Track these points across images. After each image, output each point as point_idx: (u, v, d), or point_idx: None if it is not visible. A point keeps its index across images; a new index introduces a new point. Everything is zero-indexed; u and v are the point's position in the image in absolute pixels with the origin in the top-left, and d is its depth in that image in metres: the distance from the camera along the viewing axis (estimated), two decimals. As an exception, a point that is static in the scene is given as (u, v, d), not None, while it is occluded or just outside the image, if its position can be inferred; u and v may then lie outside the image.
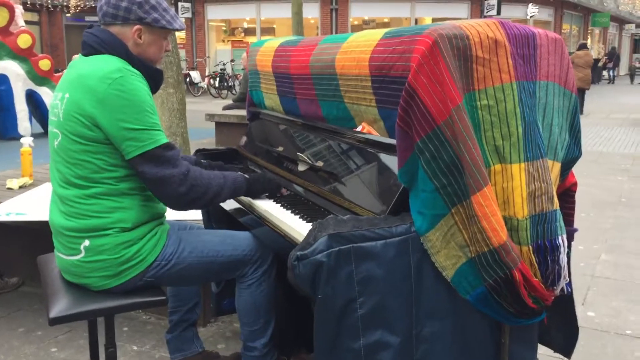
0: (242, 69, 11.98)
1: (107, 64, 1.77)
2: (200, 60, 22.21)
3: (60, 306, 1.78)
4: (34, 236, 2.94)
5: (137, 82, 1.77)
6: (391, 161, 1.74)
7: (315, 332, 1.53)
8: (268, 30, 22.91)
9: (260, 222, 2.02)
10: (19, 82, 9.07)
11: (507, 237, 1.54)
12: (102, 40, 1.83)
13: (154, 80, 1.93)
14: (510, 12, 21.78)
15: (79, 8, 23.67)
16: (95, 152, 1.77)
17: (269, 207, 2.02)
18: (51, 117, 1.87)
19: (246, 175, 2.06)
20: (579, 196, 1.96)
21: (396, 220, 1.59)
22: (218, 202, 1.96)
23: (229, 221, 2.55)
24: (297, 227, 1.80)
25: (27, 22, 23.62)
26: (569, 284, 1.77)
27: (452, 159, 1.51)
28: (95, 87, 1.73)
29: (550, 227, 1.63)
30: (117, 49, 1.83)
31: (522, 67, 1.62)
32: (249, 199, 2.11)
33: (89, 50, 1.85)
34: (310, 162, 2.10)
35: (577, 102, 1.80)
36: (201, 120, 8.82)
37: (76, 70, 1.82)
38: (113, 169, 1.79)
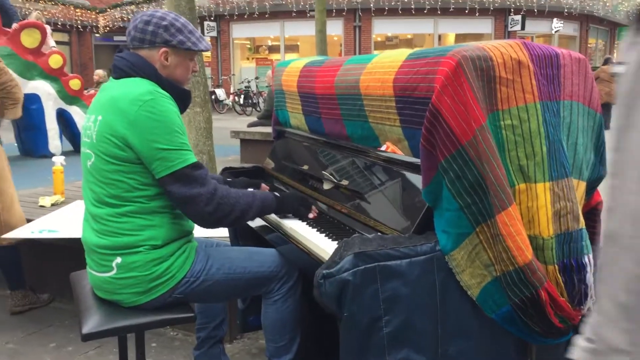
0: (267, 86, 12.11)
1: (138, 87, 1.83)
2: (225, 78, 22.50)
3: (92, 322, 1.82)
4: (66, 253, 3.01)
5: (167, 103, 1.83)
6: (415, 180, 1.76)
7: (341, 350, 1.55)
8: (292, 48, 23.12)
9: (286, 239, 2.05)
10: (50, 101, 9.29)
11: (533, 256, 1.54)
12: (132, 63, 1.89)
13: (182, 100, 1.99)
14: (535, 27, 21.66)
15: (108, 28, 24.22)
16: (128, 171, 1.82)
17: (294, 225, 2.05)
18: (84, 139, 1.93)
19: (276, 194, 2.09)
20: (606, 214, 1.95)
21: (421, 239, 1.60)
22: (246, 220, 1.99)
23: (255, 238, 2.58)
24: (322, 245, 1.83)
25: (57, 42, 24.19)
26: (596, 303, 1.76)
27: (476, 179, 1.53)
28: (126, 110, 1.78)
29: (576, 246, 1.63)
30: (146, 71, 1.89)
31: (546, 87, 1.63)
32: (277, 217, 2.14)
33: (120, 73, 1.91)
34: (335, 180, 2.12)
35: (602, 121, 1.81)
36: (226, 137, 8.93)
37: (108, 93, 1.88)
38: (145, 188, 1.85)
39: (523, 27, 20.77)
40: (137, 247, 1.85)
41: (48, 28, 9.79)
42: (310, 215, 2.10)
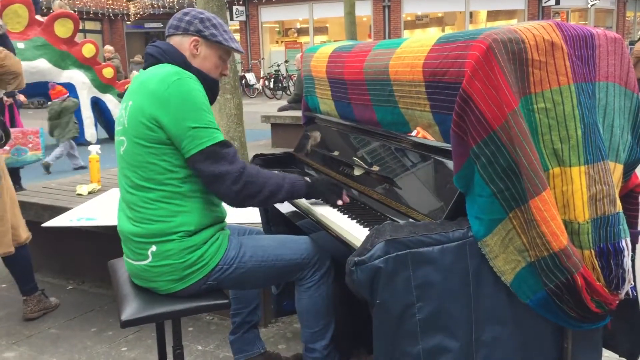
0: (297, 70, 12.09)
1: (166, 69, 1.88)
2: (255, 62, 22.54)
3: (130, 310, 1.87)
4: (103, 240, 3.08)
5: (194, 83, 1.87)
6: (447, 166, 1.75)
7: (375, 337, 1.56)
8: (321, 30, 22.99)
9: (317, 225, 2.06)
10: (85, 90, 9.47)
11: (568, 241, 1.52)
12: (162, 50, 1.96)
13: (211, 90, 2.01)
14: (571, 2, 21.05)
15: (138, 15, 24.45)
16: (159, 153, 1.85)
17: (325, 212, 2.05)
18: (117, 127, 1.97)
19: (307, 179, 2.09)
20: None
21: (453, 225, 1.59)
22: (275, 201, 2.00)
23: (288, 224, 2.60)
24: (353, 231, 1.83)
25: (90, 30, 24.60)
26: (634, 288, 1.73)
27: (508, 164, 1.51)
28: (155, 90, 1.83)
29: (612, 230, 1.60)
30: (175, 58, 1.95)
31: (581, 68, 1.59)
32: (307, 203, 2.15)
33: (150, 60, 1.97)
34: (365, 166, 2.12)
35: (639, 101, 1.76)
36: (257, 122, 8.98)
37: (138, 80, 1.94)
38: (176, 170, 1.88)
39: (558, 2, 20.18)
40: (171, 235, 1.88)
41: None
42: (339, 202, 2.08)
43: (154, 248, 1.89)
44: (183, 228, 1.89)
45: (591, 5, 21.67)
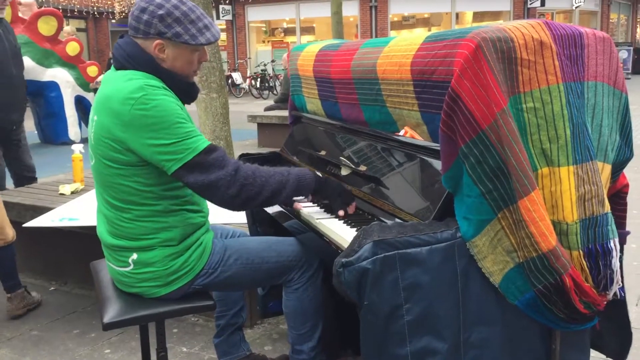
0: (283, 69, 12.07)
1: (129, 83, 1.72)
2: (241, 61, 22.45)
3: (113, 312, 1.83)
4: (86, 240, 3.03)
5: (161, 95, 1.71)
6: (435, 166, 1.73)
7: (362, 339, 1.53)
8: (308, 30, 22.96)
9: (304, 226, 2.04)
10: (68, 88, 9.35)
11: (557, 242, 1.51)
12: (127, 54, 1.78)
13: (187, 93, 1.87)
14: (555, 3, 21.20)
15: (124, 14, 24.24)
16: (129, 174, 1.75)
17: (312, 212, 2.03)
18: (89, 135, 1.87)
19: (318, 174, 1.91)
20: (630, 192, 1.90)
21: (441, 226, 1.58)
22: (279, 201, 1.86)
23: (274, 225, 2.57)
24: (341, 232, 1.81)
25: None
26: (622, 288, 1.73)
27: (497, 164, 1.49)
28: (119, 111, 1.69)
29: (601, 231, 1.59)
30: (142, 62, 1.78)
31: (569, 67, 1.58)
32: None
33: (117, 64, 1.82)
34: (353, 166, 2.10)
35: (628, 101, 1.75)
36: (243, 122, 8.93)
37: (103, 90, 1.78)
38: (149, 190, 1.78)
39: (543, 4, 20.32)
40: (153, 245, 1.84)
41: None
42: (341, 213, 1.93)
43: (134, 256, 1.84)
44: (166, 243, 1.84)
45: (576, 7, 21.84)
